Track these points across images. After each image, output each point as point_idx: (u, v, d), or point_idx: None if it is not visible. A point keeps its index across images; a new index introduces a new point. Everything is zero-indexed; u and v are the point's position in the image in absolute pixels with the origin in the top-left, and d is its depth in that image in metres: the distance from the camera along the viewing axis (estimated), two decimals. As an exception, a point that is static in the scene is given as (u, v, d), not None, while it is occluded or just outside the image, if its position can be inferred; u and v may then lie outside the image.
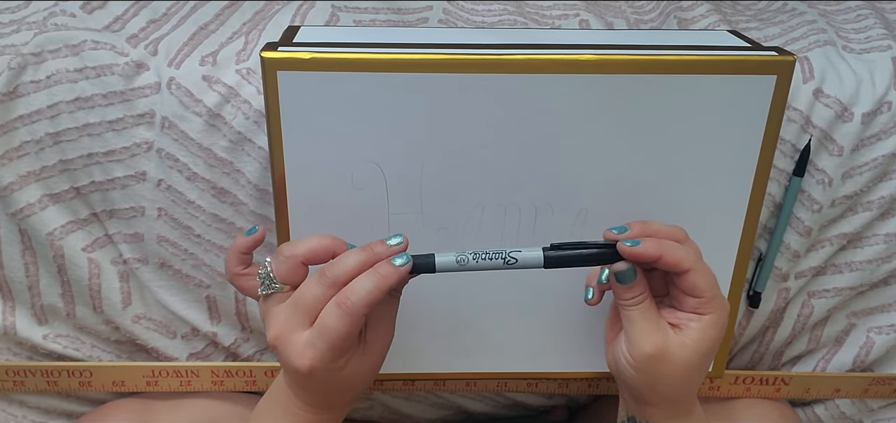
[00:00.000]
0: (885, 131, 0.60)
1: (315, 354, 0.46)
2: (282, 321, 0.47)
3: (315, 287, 0.46)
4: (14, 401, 0.68)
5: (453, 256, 0.48)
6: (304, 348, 0.46)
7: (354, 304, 0.45)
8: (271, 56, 0.49)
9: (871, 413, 0.70)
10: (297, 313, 0.47)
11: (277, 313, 0.48)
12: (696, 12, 0.68)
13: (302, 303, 0.47)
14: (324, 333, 0.45)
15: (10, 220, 0.61)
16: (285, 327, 0.47)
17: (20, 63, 0.57)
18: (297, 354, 0.46)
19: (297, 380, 0.49)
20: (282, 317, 0.47)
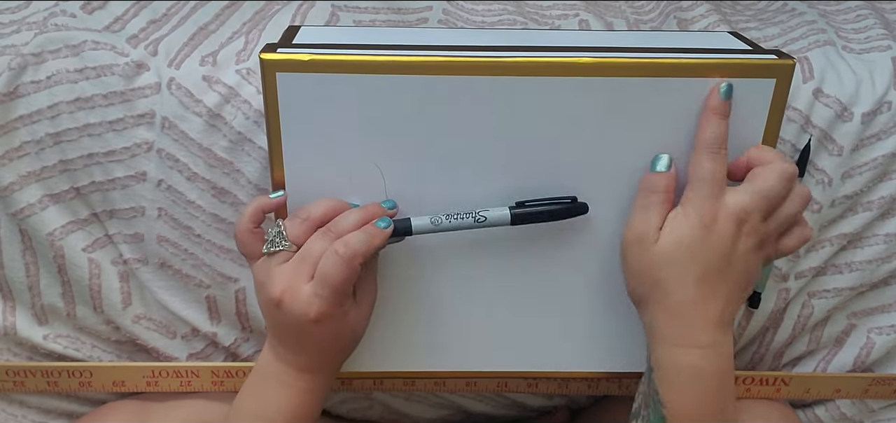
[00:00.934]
0: (884, 131, 0.60)
1: (321, 301, 0.49)
2: (288, 276, 0.50)
3: (321, 242, 0.50)
4: (14, 401, 0.68)
5: (428, 218, 0.52)
6: (311, 298, 0.50)
7: (352, 253, 0.49)
8: (270, 57, 0.49)
9: (871, 414, 0.70)
10: (304, 266, 0.50)
11: (282, 270, 0.51)
12: (696, 12, 0.68)
13: (309, 257, 0.50)
14: (326, 280, 0.49)
15: (11, 220, 0.61)
16: (292, 281, 0.50)
17: (20, 63, 0.57)
18: (305, 303, 0.50)
19: (303, 334, 0.51)
20: (288, 272, 0.50)
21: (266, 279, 0.51)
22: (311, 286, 0.50)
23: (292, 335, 0.52)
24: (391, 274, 0.57)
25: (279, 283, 0.50)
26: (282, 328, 0.52)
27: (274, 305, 0.51)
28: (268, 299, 0.51)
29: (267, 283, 0.51)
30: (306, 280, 0.50)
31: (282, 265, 0.51)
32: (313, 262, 0.50)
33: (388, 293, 0.58)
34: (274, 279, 0.51)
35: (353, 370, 0.62)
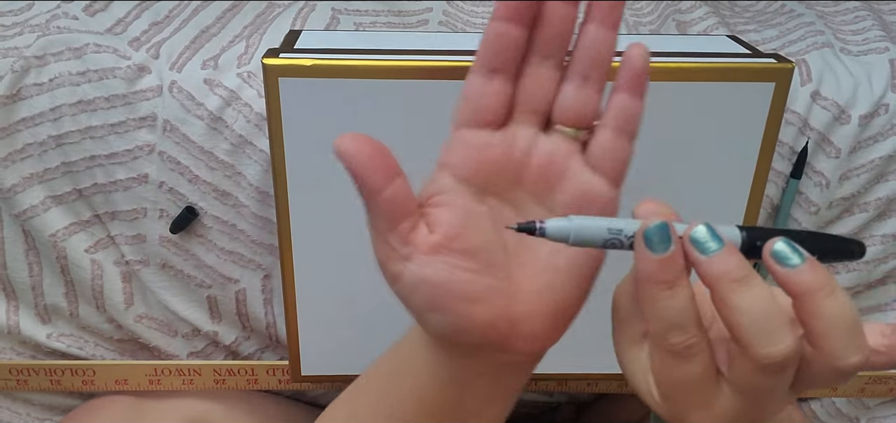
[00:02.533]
0: (882, 133, 0.60)
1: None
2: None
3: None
4: (18, 399, 0.69)
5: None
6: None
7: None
8: (273, 63, 0.49)
9: (867, 410, 0.71)
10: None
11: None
12: (695, 15, 0.68)
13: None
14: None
15: (14, 221, 0.61)
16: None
17: (23, 66, 0.57)
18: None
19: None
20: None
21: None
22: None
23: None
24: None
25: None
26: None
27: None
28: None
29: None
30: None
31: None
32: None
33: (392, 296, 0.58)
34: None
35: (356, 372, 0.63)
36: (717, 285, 0.34)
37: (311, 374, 0.63)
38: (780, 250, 0.34)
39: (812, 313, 0.33)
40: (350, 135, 0.37)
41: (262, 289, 0.64)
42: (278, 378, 0.66)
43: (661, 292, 0.35)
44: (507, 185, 0.40)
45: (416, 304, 0.39)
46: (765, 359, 0.33)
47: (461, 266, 0.39)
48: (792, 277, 0.34)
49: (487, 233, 0.40)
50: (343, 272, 0.58)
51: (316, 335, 0.61)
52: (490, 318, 0.39)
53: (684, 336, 0.35)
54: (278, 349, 0.68)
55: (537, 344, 0.42)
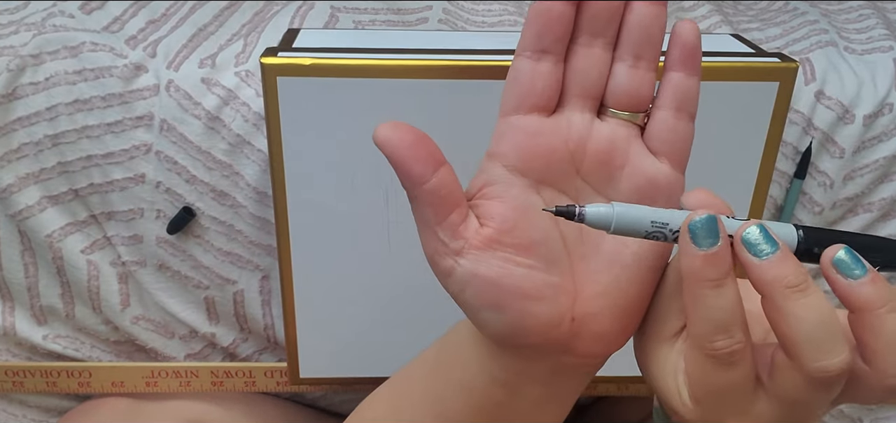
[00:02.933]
0: (886, 133, 0.60)
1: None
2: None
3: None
4: (14, 401, 0.68)
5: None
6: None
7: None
8: (271, 62, 0.49)
9: (870, 412, 0.70)
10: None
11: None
12: (698, 13, 0.67)
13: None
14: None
15: (10, 221, 0.61)
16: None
17: (19, 65, 0.57)
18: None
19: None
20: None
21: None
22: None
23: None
24: (396, 280, 0.57)
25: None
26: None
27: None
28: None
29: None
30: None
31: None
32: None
33: (391, 298, 0.58)
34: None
35: (355, 374, 0.62)
36: (771, 292, 0.32)
37: (309, 376, 0.63)
38: (842, 260, 0.32)
39: (871, 329, 0.32)
40: (389, 124, 0.36)
41: (260, 290, 0.63)
42: (276, 380, 0.65)
43: (707, 290, 0.33)
44: (563, 174, 0.38)
45: (469, 301, 0.37)
46: (817, 373, 0.32)
47: (518, 261, 0.37)
48: (853, 290, 0.32)
49: (544, 225, 0.38)
50: (342, 274, 0.57)
51: (314, 337, 0.60)
52: (553, 317, 0.38)
53: (729, 341, 0.33)
54: (276, 351, 0.67)
55: (603, 346, 0.40)
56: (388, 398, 0.49)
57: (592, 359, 0.40)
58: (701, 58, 0.37)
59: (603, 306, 0.38)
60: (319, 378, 0.63)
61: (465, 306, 0.38)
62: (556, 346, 0.38)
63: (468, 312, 0.38)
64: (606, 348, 0.40)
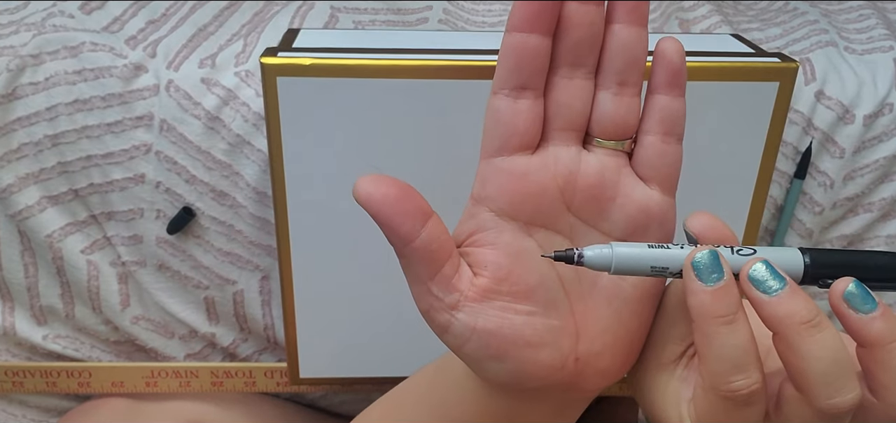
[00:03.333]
0: (886, 133, 0.60)
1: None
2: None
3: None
4: (14, 401, 0.68)
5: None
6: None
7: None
8: (271, 62, 0.49)
9: None
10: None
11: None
12: (698, 13, 0.67)
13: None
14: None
15: (10, 221, 0.61)
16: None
17: (19, 65, 0.57)
18: None
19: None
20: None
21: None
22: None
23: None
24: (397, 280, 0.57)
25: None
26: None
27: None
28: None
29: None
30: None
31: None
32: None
33: (391, 298, 0.58)
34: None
35: (355, 374, 0.62)
36: (783, 329, 0.31)
37: (309, 376, 0.62)
38: (853, 294, 0.31)
39: (881, 363, 0.31)
40: (371, 178, 0.34)
41: (260, 290, 0.63)
42: (276, 380, 0.65)
43: (720, 328, 0.32)
44: (554, 213, 0.37)
45: (471, 354, 0.36)
46: (831, 410, 0.31)
47: (517, 309, 0.36)
48: (865, 325, 0.31)
49: (540, 269, 0.36)
50: (342, 274, 0.57)
51: (314, 337, 0.60)
52: (556, 361, 0.37)
53: (747, 380, 0.32)
54: (276, 351, 0.67)
55: (608, 380, 0.39)
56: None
57: (596, 392, 0.40)
58: (686, 78, 0.36)
59: (606, 343, 0.38)
60: (319, 378, 0.63)
61: (466, 359, 0.37)
62: (559, 386, 0.38)
63: (469, 363, 0.37)
64: (609, 381, 0.39)
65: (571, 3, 0.34)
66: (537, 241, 0.37)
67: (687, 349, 0.38)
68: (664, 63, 0.35)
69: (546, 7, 0.33)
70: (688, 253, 0.33)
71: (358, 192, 0.34)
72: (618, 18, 0.35)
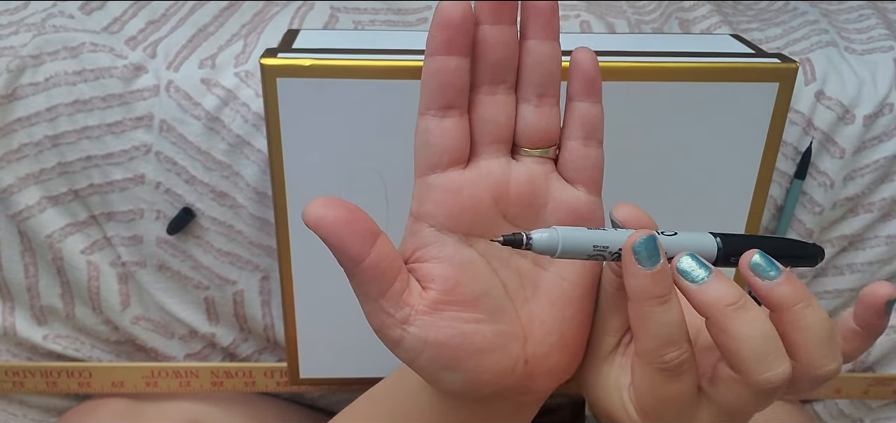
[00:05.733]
0: (886, 133, 0.60)
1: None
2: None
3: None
4: (14, 401, 0.68)
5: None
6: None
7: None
8: (271, 63, 0.49)
9: (870, 412, 0.70)
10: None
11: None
12: (698, 13, 0.67)
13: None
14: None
15: (10, 221, 0.61)
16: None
17: (19, 65, 0.57)
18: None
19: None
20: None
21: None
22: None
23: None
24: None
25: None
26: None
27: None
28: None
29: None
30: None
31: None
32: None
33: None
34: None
35: (354, 374, 0.62)
36: (713, 313, 0.33)
37: (309, 376, 0.63)
38: (758, 263, 0.34)
39: (792, 325, 0.34)
40: (320, 201, 0.35)
41: (260, 290, 0.63)
42: (276, 380, 0.65)
43: (656, 307, 0.34)
44: (491, 222, 0.38)
45: (424, 366, 0.37)
46: (765, 384, 0.33)
47: (465, 318, 0.37)
48: (773, 290, 0.34)
49: (484, 277, 0.38)
50: (342, 274, 0.57)
51: (314, 337, 0.60)
52: (506, 365, 0.38)
53: (678, 352, 0.35)
54: (276, 351, 0.67)
55: (558, 378, 0.40)
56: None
57: (548, 391, 0.41)
58: (600, 84, 0.38)
59: (552, 343, 0.39)
60: (319, 378, 0.63)
61: (420, 371, 0.38)
62: (511, 390, 0.39)
63: (423, 375, 0.38)
64: (560, 379, 0.41)
65: (485, 25, 0.36)
66: (478, 251, 0.38)
67: (621, 339, 0.40)
68: (579, 73, 0.38)
69: (460, 32, 0.35)
70: (626, 234, 0.35)
71: (307, 216, 0.35)
72: (532, 35, 0.37)
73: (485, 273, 0.38)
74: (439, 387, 0.39)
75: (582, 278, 0.39)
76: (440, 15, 0.35)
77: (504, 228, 0.39)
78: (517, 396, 0.40)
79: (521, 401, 0.41)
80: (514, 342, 0.38)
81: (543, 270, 0.39)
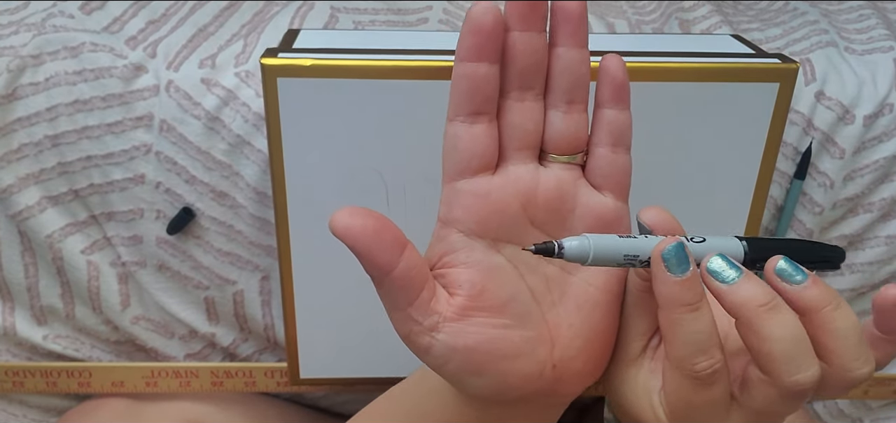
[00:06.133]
0: (886, 134, 0.60)
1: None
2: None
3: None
4: (14, 401, 0.68)
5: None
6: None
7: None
8: (271, 63, 0.49)
9: (870, 412, 0.70)
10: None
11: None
12: (698, 13, 0.67)
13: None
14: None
15: (10, 221, 0.61)
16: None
17: (19, 65, 0.57)
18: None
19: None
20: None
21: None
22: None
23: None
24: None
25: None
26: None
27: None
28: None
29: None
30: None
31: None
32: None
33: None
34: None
35: (355, 374, 0.62)
36: (745, 313, 0.33)
37: (309, 376, 0.62)
38: (783, 269, 0.34)
39: (823, 328, 0.33)
40: (348, 210, 0.35)
41: (260, 290, 0.63)
42: (276, 380, 0.65)
43: (686, 315, 0.34)
44: (519, 228, 0.38)
45: (452, 372, 0.37)
46: (795, 386, 0.33)
47: (493, 324, 0.37)
48: (801, 294, 0.34)
49: (512, 283, 0.38)
50: (342, 274, 0.57)
51: (314, 337, 0.60)
52: (534, 370, 0.38)
53: (710, 361, 0.34)
54: (276, 351, 0.67)
55: (585, 382, 0.40)
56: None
57: (574, 395, 0.41)
58: (629, 91, 0.38)
59: (580, 347, 0.39)
60: (319, 378, 0.63)
61: (448, 377, 0.38)
62: (538, 393, 0.39)
63: (450, 380, 0.38)
64: (587, 384, 0.41)
65: (514, 32, 0.36)
66: (505, 256, 0.38)
67: (650, 342, 0.40)
68: (608, 79, 0.37)
69: (490, 38, 0.35)
70: (656, 242, 0.35)
71: (335, 225, 0.34)
72: (560, 41, 0.37)
73: (512, 279, 0.38)
74: (466, 392, 0.39)
75: (608, 282, 0.39)
76: (471, 20, 0.34)
77: (532, 233, 0.39)
78: (543, 398, 0.40)
79: (546, 403, 0.41)
80: (542, 347, 0.38)
81: (570, 275, 0.39)
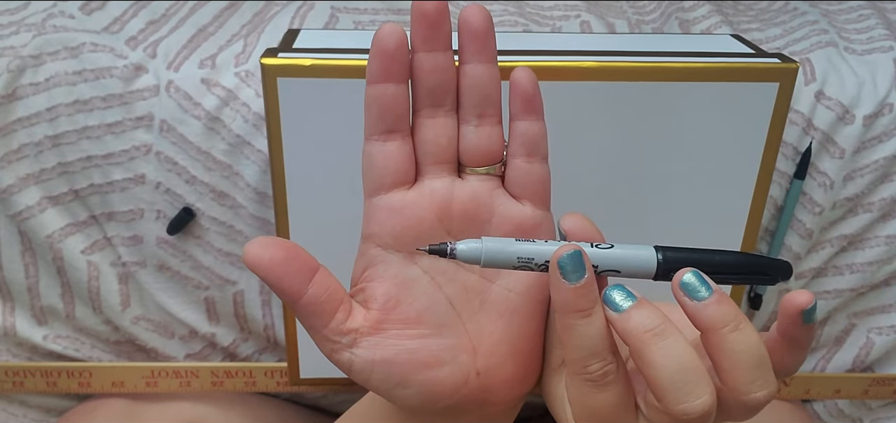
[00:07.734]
0: (886, 134, 0.60)
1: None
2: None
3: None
4: (15, 401, 0.68)
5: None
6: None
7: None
8: (271, 62, 0.49)
9: (870, 412, 0.70)
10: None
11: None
12: (698, 13, 0.67)
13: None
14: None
15: (10, 221, 0.61)
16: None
17: (19, 65, 0.57)
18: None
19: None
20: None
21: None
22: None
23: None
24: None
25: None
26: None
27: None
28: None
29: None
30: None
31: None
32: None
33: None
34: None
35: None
36: (631, 340, 0.33)
37: (309, 377, 0.63)
38: (688, 282, 0.34)
39: (718, 348, 0.33)
40: (258, 241, 0.37)
41: (260, 291, 0.63)
42: (277, 380, 0.65)
43: (578, 320, 0.34)
44: (434, 239, 0.39)
45: (378, 385, 0.38)
46: (683, 415, 0.33)
47: (410, 334, 0.38)
48: (700, 311, 0.33)
49: (427, 293, 0.39)
50: (342, 274, 0.57)
51: (315, 337, 0.60)
52: (458, 377, 0.39)
53: (601, 363, 0.35)
54: (277, 351, 0.67)
55: (516, 389, 0.41)
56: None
57: (511, 402, 0.42)
58: (542, 101, 0.39)
59: (504, 353, 0.40)
60: (319, 379, 0.63)
61: (376, 390, 0.39)
62: (470, 402, 0.40)
63: (380, 393, 0.39)
64: (520, 390, 0.41)
65: (420, 53, 0.36)
66: (422, 268, 0.39)
67: None
68: (519, 92, 0.38)
69: (394, 60, 0.36)
70: (552, 247, 0.35)
71: (247, 256, 0.36)
72: (468, 59, 0.37)
73: (428, 289, 0.39)
74: (398, 404, 0.40)
75: (530, 288, 0.40)
76: (376, 43, 0.36)
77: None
78: (477, 408, 0.41)
79: (484, 413, 0.41)
80: (464, 355, 0.39)
81: (491, 283, 0.40)
